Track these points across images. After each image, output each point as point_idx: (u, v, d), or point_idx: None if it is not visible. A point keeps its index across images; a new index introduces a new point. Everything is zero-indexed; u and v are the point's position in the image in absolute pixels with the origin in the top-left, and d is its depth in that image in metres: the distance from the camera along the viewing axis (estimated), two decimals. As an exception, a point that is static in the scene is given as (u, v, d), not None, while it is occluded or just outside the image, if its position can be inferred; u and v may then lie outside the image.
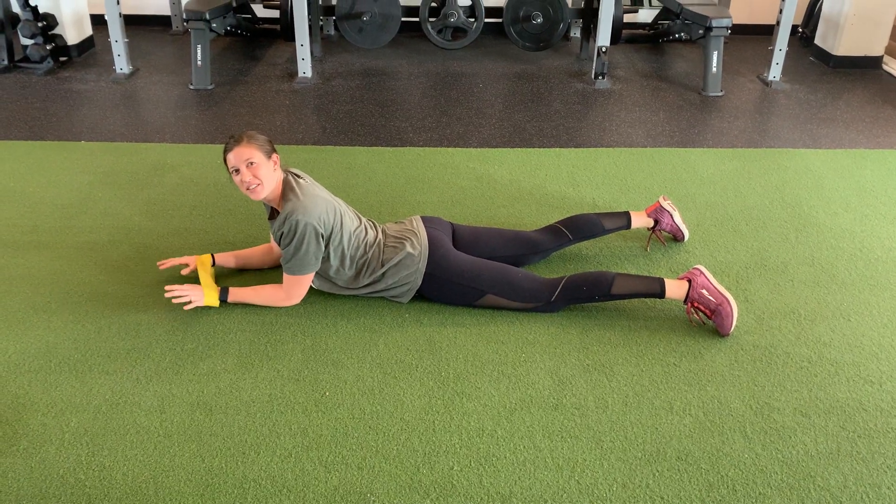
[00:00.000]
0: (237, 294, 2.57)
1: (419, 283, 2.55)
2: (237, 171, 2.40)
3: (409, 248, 2.54)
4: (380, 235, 2.61)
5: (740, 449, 2.03)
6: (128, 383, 2.23)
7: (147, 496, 1.86)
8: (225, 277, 2.76)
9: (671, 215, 2.96)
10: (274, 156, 2.46)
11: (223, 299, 2.56)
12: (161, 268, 2.72)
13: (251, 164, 2.39)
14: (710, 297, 2.46)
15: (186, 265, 2.73)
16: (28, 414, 2.11)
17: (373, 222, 2.68)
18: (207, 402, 2.17)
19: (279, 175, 2.47)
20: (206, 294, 2.54)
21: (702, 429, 2.09)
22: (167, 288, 2.52)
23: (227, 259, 2.78)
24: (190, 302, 2.51)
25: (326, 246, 2.47)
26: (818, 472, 1.95)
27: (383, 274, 2.54)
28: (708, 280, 2.48)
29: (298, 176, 2.54)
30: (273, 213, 2.55)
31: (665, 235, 3.05)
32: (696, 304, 2.48)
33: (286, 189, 2.46)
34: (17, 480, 1.89)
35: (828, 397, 2.22)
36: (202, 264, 2.69)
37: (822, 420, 2.13)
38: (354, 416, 2.12)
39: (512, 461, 1.98)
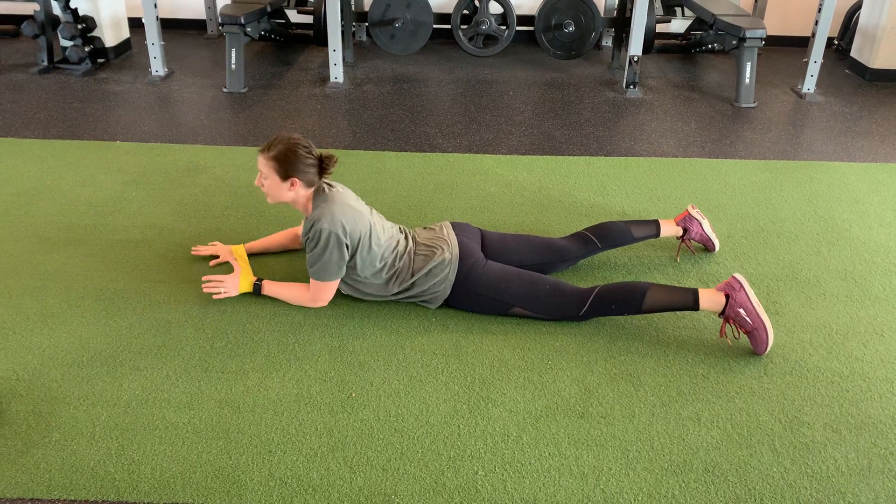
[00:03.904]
0: (270, 288, 2.63)
1: (448, 291, 2.55)
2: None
3: (438, 258, 2.54)
4: (410, 244, 2.61)
5: (768, 463, 2.00)
6: (158, 379, 2.26)
7: (175, 491, 1.88)
8: (261, 267, 2.79)
9: (700, 224, 2.92)
10: (292, 180, 2.44)
11: (256, 292, 2.63)
12: (193, 253, 2.89)
13: (261, 173, 2.49)
14: (747, 319, 2.37)
15: (217, 256, 2.88)
16: (60, 407, 2.15)
17: (404, 229, 2.69)
18: (235, 400, 2.19)
19: (292, 195, 2.49)
20: (241, 281, 2.63)
21: (730, 441, 2.07)
22: (204, 278, 2.66)
23: (255, 247, 2.92)
24: (222, 292, 2.61)
25: (354, 255, 2.49)
26: (848, 489, 1.92)
27: (413, 283, 2.55)
28: (747, 298, 2.37)
29: (331, 185, 2.57)
30: None
31: (695, 245, 3.03)
32: (731, 321, 2.42)
33: (316, 196, 2.51)
34: (48, 471, 1.93)
35: (859, 413, 2.18)
36: (239, 255, 2.82)
37: (854, 436, 2.10)
38: (380, 418, 2.13)
39: (537, 468, 1.97)
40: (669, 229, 2.92)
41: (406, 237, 2.65)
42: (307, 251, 2.49)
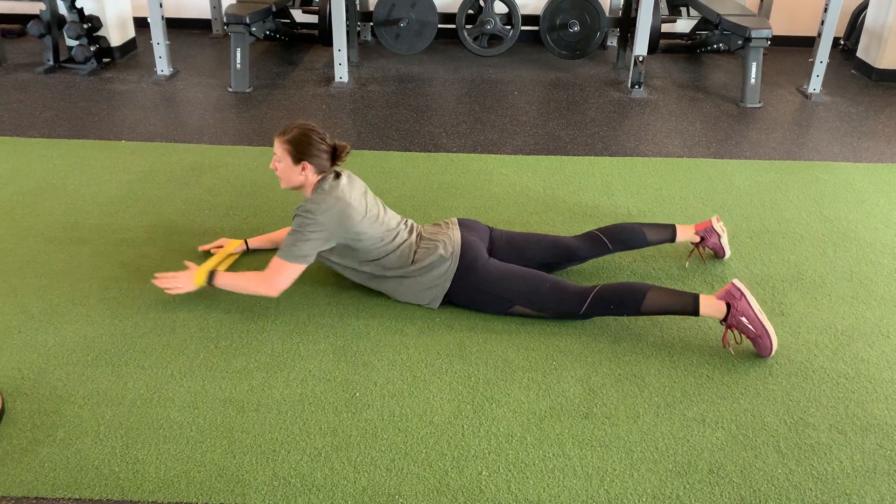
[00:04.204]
0: (222, 280, 2.60)
1: (447, 287, 2.55)
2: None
3: (436, 254, 2.54)
4: (412, 238, 2.62)
5: (773, 464, 2.00)
6: (162, 379, 2.27)
7: (178, 490, 1.88)
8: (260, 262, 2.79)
9: (719, 237, 2.87)
10: (303, 164, 2.51)
11: (210, 282, 2.61)
12: (200, 250, 2.94)
13: (276, 156, 2.56)
14: (750, 327, 2.36)
15: (221, 247, 2.93)
16: (65, 405, 2.15)
17: (409, 223, 2.70)
18: (239, 399, 2.19)
19: (302, 179, 2.55)
20: (196, 275, 2.59)
21: (734, 442, 2.06)
22: (157, 275, 2.63)
23: (260, 242, 2.96)
24: (177, 286, 2.59)
25: (344, 245, 2.52)
26: (854, 490, 1.92)
27: (412, 271, 2.55)
28: (749, 306, 2.35)
29: (339, 175, 2.59)
30: None
31: (706, 253, 2.97)
32: (733, 329, 2.41)
33: (318, 184, 2.54)
34: (53, 470, 1.93)
35: (865, 414, 2.17)
36: (226, 247, 2.89)
37: (859, 437, 2.09)
38: (384, 418, 2.13)
39: (541, 468, 1.97)
40: (686, 235, 2.86)
41: (411, 231, 2.65)
42: (292, 226, 2.50)
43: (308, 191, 2.57)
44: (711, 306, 2.40)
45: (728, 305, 2.38)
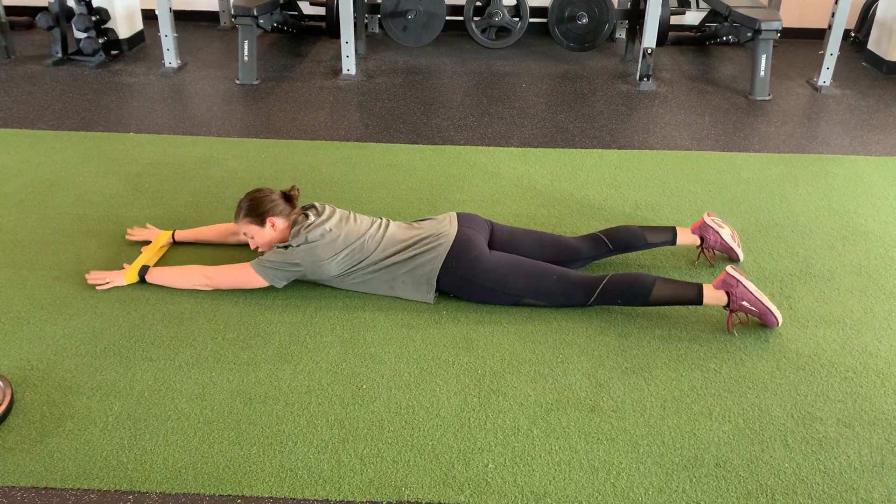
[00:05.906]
0: (157, 274, 2.67)
1: (434, 278, 2.54)
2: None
3: (422, 246, 2.55)
4: (388, 232, 2.63)
5: (780, 458, 1.99)
6: (170, 370, 2.28)
7: (186, 481, 1.89)
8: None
9: (718, 233, 2.80)
10: (269, 220, 2.61)
11: (142, 277, 2.67)
12: (128, 238, 2.97)
13: (251, 237, 2.65)
14: (753, 308, 2.42)
15: (149, 241, 2.95)
16: (74, 397, 2.16)
17: (386, 221, 2.71)
18: (247, 391, 2.20)
19: (275, 232, 2.63)
20: (127, 272, 2.68)
21: (741, 436, 2.06)
22: (87, 276, 2.69)
23: (186, 235, 2.97)
24: (107, 282, 2.66)
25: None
26: (861, 485, 1.91)
27: (395, 262, 2.56)
28: (747, 290, 2.41)
29: (307, 216, 2.63)
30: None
31: (714, 256, 2.88)
32: (737, 312, 2.45)
33: (293, 228, 2.61)
34: (62, 460, 1.95)
35: (873, 409, 2.17)
36: (155, 241, 2.91)
37: (867, 432, 2.08)
38: (391, 411, 2.14)
39: (547, 461, 1.97)
40: (686, 237, 2.83)
41: (384, 228, 2.66)
42: (271, 253, 2.59)
43: (286, 236, 2.64)
44: (713, 295, 2.46)
45: (728, 294, 2.44)
